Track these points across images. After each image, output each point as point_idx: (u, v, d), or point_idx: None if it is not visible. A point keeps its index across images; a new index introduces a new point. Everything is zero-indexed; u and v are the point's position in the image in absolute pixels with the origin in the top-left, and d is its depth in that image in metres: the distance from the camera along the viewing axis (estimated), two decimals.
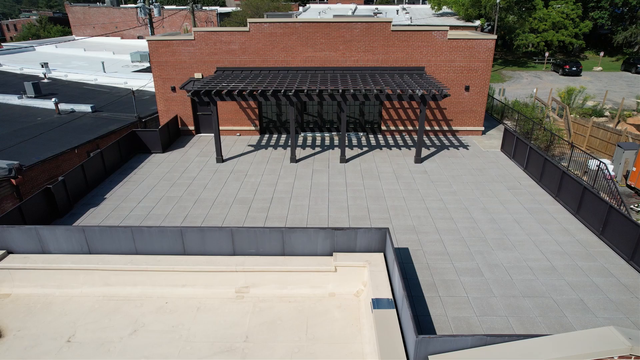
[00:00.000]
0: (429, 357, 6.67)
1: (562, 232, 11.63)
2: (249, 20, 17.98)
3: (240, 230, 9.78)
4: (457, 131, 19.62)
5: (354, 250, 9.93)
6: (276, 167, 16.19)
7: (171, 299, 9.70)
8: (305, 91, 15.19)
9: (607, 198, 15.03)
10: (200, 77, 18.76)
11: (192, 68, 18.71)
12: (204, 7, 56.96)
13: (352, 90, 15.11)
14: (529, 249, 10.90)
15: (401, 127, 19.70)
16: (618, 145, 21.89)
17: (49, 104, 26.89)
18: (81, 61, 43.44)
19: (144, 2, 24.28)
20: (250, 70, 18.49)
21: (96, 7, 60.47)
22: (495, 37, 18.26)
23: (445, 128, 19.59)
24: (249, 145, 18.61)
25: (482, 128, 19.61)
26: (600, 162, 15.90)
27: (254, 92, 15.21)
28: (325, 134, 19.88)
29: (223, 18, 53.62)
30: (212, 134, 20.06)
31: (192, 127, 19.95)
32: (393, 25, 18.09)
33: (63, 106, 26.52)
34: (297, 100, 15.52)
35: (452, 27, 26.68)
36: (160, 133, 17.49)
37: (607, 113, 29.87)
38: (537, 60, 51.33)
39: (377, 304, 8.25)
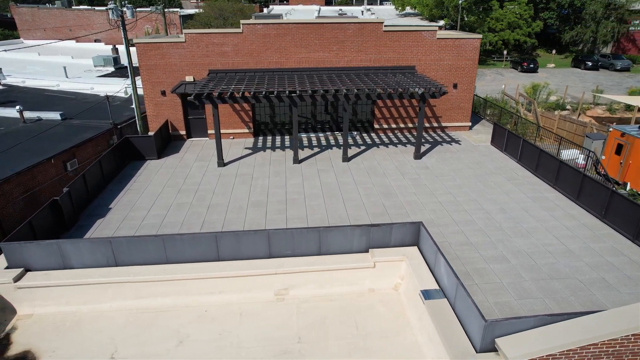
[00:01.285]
0: (496, 340, 6.99)
1: (567, 218, 12.46)
2: (242, 21, 17.77)
3: (277, 232, 9.73)
4: (446, 127, 20.37)
5: (388, 245, 10.15)
6: (280, 169, 16.12)
7: (210, 306, 9.49)
8: (312, 92, 15.25)
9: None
10: (192, 80, 18.30)
11: (183, 71, 18.22)
12: (166, 9, 55.13)
13: (355, 91, 15.34)
14: (542, 234, 11.59)
15: (393, 125, 20.18)
16: (587, 136, 23.55)
17: (11, 112, 25.19)
18: (37, 66, 40.94)
19: (114, 3, 23.38)
20: (245, 72, 18.27)
21: (46, 8, 57.02)
22: (480, 36, 19.16)
23: (435, 124, 20.28)
24: (245, 148, 18.37)
25: (470, 123, 20.50)
26: (591, 151, 17.09)
27: (257, 95, 15.08)
28: (320, 134, 19.99)
29: (186, 20, 52.27)
30: (205, 138, 19.62)
31: (183, 132, 19.41)
32: (385, 26, 18.52)
33: (28, 114, 24.95)
34: (301, 102, 15.54)
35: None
36: (155, 139, 16.89)
37: (568, 107, 32.03)
38: (495, 58, 54.02)
39: (427, 295, 8.51)
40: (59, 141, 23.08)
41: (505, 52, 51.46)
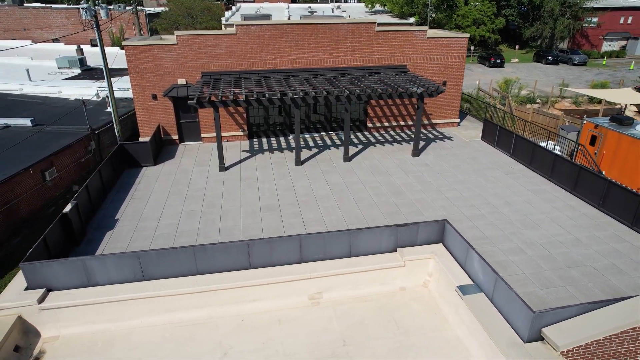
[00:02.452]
0: (543, 329, 7.39)
1: (568, 208, 13.22)
2: (235, 22, 17.47)
3: (308, 237, 9.75)
4: (436, 124, 20.96)
5: (414, 244, 10.41)
6: (284, 171, 16.06)
7: (246, 315, 9.40)
8: (315, 94, 15.26)
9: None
10: (184, 82, 17.83)
11: (174, 74, 17.70)
12: (127, 8, 53.00)
13: (357, 92, 15.50)
14: (549, 225, 12.26)
15: (386, 124, 20.54)
16: (561, 129, 24.91)
17: None
18: None
19: (87, 2, 22.39)
20: (239, 74, 18.00)
21: None
22: (467, 35, 19.82)
23: (426, 122, 20.82)
24: (243, 151, 18.14)
25: (458, 120, 21.19)
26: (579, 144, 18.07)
27: (260, 98, 14.92)
28: (315, 135, 20.03)
29: (152, 19, 50.52)
30: (198, 142, 19.19)
31: (175, 136, 18.89)
32: (379, 25, 18.75)
33: None
34: (302, 104, 15.52)
35: (391, 25, 28.20)
36: (151, 145, 16.35)
37: (538, 100, 33.69)
38: None
39: (464, 290, 8.82)
40: (34, 149, 21.91)
41: (472, 47, 53.27)
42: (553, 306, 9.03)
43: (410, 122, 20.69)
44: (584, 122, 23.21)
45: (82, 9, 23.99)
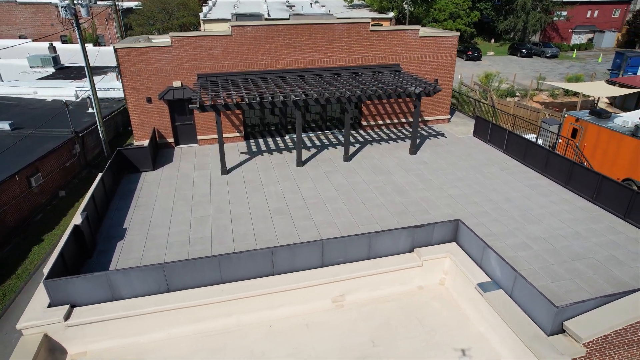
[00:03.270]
0: (565, 323, 7.89)
1: (564, 202, 13.92)
2: (230, 24, 17.28)
3: (330, 242, 9.96)
4: (428, 121, 21.44)
5: (429, 244, 10.78)
6: (286, 173, 16.14)
7: (273, 321, 9.56)
8: (317, 97, 15.36)
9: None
10: (180, 85, 17.56)
11: (170, 76, 17.40)
12: (98, 2, 51.02)
13: (358, 92, 15.70)
14: (550, 220, 12.90)
15: (380, 122, 20.85)
16: (543, 122, 25.92)
17: None
18: None
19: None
20: (235, 75, 17.86)
21: None
22: (458, 33, 20.29)
23: (419, 119, 21.22)
24: (241, 153, 18.07)
25: (449, 116, 21.74)
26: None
27: (263, 102, 14.91)
28: (310, 134, 20.14)
29: (127, 15, 48.95)
30: (194, 145, 18.97)
31: (171, 139, 18.61)
32: (373, 25, 18.95)
33: None
34: (303, 105, 15.60)
35: (372, 19, 28.50)
36: (149, 149, 16.07)
37: (517, 94, 34.83)
38: None
39: (484, 287, 9.25)
40: (19, 154, 21.18)
41: None
42: (564, 299, 9.62)
43: (403, 120, 21.08)
44: (565, 115, 24.22)
45: (62, 7, 23.18)
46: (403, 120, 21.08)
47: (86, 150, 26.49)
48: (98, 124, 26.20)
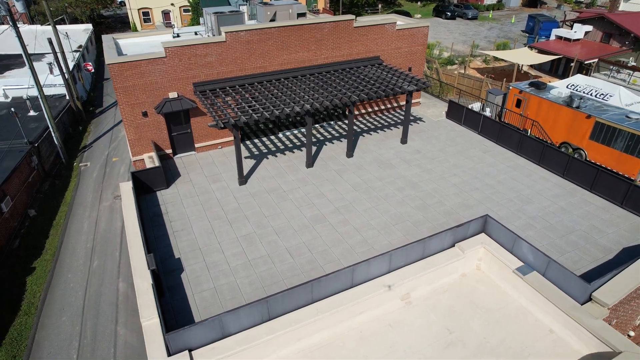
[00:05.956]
0: (593, 293, 10.51)
1: (543, 180, 16.84)
2: (223, 29, 16.92)
3: (397, 252, 11.53)
4: (403, 105, 23.23)
5: (465, 237, 12.86)
6: (301, 176, 17.02)
7: (361, 326, 11.06)
8: (329, 104, 16.17)
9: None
10: (176, 96, 17.08)
11: (165, 88, 16.81)
12: None
13: (364, 96, 16.78)
14: (538, 198, 15.69)
15: (362, 110, 22.17)
16: (489, 92, 29.15)
17: None
18: None
19: None
20: (232, 81, 17.75)
21: None
22: (428, 24, 21.82)
23: (395, 104, 22.94)
24: (245, 158, 18.39)
25: (420, 99, 23.69)
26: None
27: (280, 115, 15.37)
28: (302, 129, 20.86)
29: (30, 5, 42.49)
30: (192, 152, 18.78)
31: (169, 150, 18.21)
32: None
33: None
34: (314, 112, 16.33)
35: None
36: (163, 168, 15.83)
37: (456, 61, 37.91)
38: (369, 11, 58.06)
39: (522, 271, 11.60)
40: None
41: (380, 6, 55.65)
42: (574, 268, 12.39)
43: (382, 107, 22.60)
44: (510, 87, 27.52)
45: None
46: (382, 107, 22.61)
47: (42, 159, 24.34)
48: (51, 128, 24.30)
